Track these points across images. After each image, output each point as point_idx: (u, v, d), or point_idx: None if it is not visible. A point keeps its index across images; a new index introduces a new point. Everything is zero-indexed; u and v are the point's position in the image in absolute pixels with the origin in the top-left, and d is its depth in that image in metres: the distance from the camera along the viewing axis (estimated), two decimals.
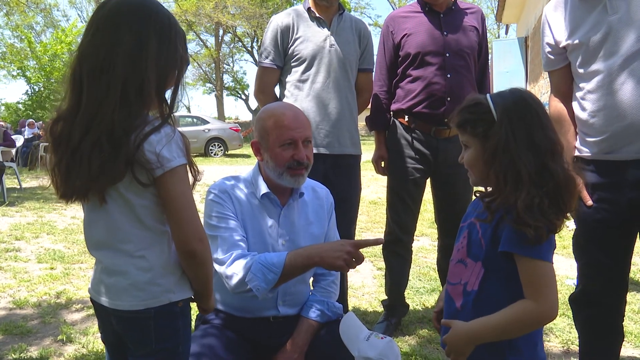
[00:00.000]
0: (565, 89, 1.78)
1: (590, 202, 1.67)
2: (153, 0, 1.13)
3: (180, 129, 1.13)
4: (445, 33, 2.45)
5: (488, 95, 1.19)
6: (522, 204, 1.08)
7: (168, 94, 1.15)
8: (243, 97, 30.79)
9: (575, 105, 1.74)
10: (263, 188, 1.64)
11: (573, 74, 1.74)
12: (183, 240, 1.11)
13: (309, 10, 2.46)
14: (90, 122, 1.05)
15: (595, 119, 1.64)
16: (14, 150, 9.08)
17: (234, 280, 1.50)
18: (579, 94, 1.71)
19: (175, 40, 1.13)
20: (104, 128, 1.04)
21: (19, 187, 8.05)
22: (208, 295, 1.24)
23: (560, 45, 1.72)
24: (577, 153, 1.74)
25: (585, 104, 1.68)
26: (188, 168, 1.12)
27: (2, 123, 11.36)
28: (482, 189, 1.28)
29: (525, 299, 1.12)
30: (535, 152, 1.12)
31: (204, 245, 1.13)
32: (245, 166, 12.08)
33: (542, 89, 7.92)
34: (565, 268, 3.82)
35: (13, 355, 2.37)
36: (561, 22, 1.72)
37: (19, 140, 9.92)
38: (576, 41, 1.66)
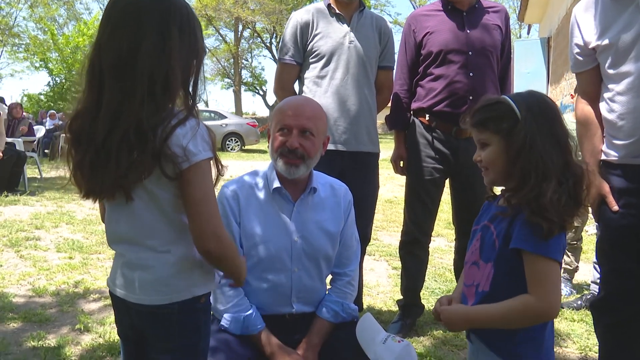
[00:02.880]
0: (592, 91, 1.73)
1: (616, 208, 1.63)
2: None
3: None
4: (468, 31, 2.42)
5: (508, 95, 1.22)
6: (551, 196, 1.10)
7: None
8: (261, 92, 30.92)
9: (603, 107, 1.70)
10: (275, 183, 1.64)
11: (602, 75, 1.69)
12: (199, 238, 1.09)
13: (329, 6, 2.45)
14: (115, 118, 1.03)
15: (624, 122, 1.60)
16: (35, 141, 9.24)
17: (215, 304, 1.60)
18: (607, 96, 1.67)
19: (195, 30, 1.12)
20: (131, 123, 1.02)
21: (39, 177, 8.20)
22: (238, 279, 1.23)
23: (590, 46, 1.68)
24: (603, 157, 1.70)
25: (614, 106, 1.64)
26: (213, 162, 1.10)
27: (25, 114, 11.57)
28: (496, 191, 1.30)
29: (527, 294, 1.14)
30: (559, 148, 1.15)
31: (221, 243, 1.10)
32: (261, 162, 12.12)
33: (564, 91, 7.78)
34: (584, 273, 3.76)
35: (32, 342, 2.41)
36: (591, 22, 1.68)
37: (40, 131, 10.07)
38: (606, 42, 1.62)
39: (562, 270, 3.35)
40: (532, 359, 1.21)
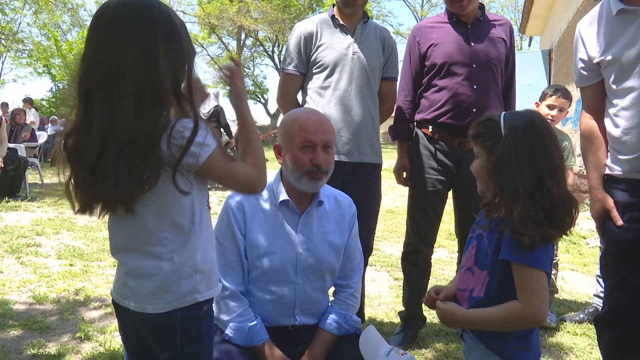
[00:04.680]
0: (597, 105, 1.74)
1: (620, 222, 1.63)
2: (151, 1, 1.09)
3: None
4: (472, 44, 2.43)
5: (503, 113, 1.29)
6: (518, 216, 1.18)
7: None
8: (262, 101, 30.95)
9: (607, 122, 1.70)
10: (282, 195, 1.64)
11: (606, 90, 1.70)
12: (244, 191, 1.30)
13: (333, 17, 2.46)
14: (106, 136, 1.03)
15: (629, 137, 1.61)
16: (37, 147, 9.26)
17: (219, 314, 1.60)
18: (612, 111, 1.68)
19: (181, 35, 1.11)
20: (125, 140, 1.02)
21: (40, 182, 8.20)
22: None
23: (594, 61, 1.69)
24: (607, 171, 1.71)
25: (618, 121, 1.64)
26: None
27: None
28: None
29: (516, 300, 1.21)
30: (535, 169, 1.20)
31: (260, 180, 1.19)
32: None
33: None
34: (585, 286, 3.74)
35: (32, 350, 2.39)
36: (595, 37, 1.69)
37: (43, 137, 10.09)
38: (610, 57, 1.63)
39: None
40: (523, 357, 1.30)
